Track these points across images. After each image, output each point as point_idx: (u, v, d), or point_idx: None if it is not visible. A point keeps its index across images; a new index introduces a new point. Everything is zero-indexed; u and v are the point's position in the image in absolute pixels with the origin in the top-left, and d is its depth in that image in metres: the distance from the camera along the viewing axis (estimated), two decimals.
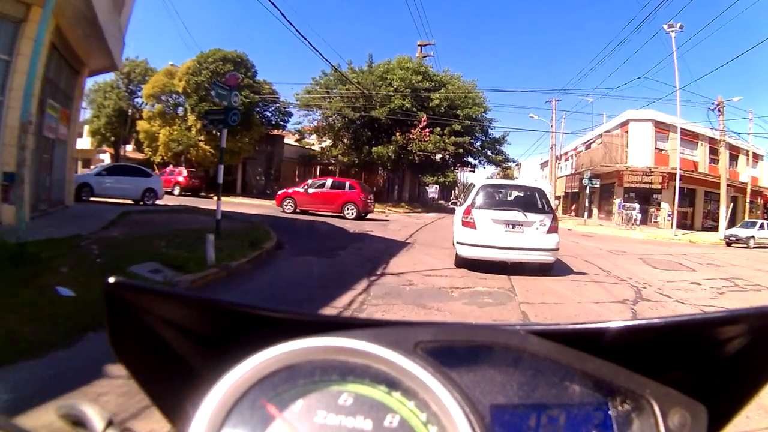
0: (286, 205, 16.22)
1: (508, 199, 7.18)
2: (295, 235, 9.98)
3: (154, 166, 31.31)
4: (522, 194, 7.15)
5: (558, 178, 25.96)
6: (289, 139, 29.46)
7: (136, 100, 33.68)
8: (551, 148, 27.06)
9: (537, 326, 0.40)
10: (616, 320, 0.39)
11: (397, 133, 21.72)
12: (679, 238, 19.15)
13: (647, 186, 24.23)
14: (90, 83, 26.69)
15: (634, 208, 21.40)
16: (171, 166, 28.34)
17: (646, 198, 24.65)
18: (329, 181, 16.90)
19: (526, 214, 6.40)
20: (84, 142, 33.82)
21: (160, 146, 29.52)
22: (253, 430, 0.32)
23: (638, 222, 21.09)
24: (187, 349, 0.42)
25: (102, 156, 37.97)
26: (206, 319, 0.41)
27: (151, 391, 0.41)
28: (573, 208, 32.21)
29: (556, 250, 6.53)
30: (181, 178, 26.46)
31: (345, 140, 23.66)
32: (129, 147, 35.37)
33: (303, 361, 0.34)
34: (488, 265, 6.48)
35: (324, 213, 15.75)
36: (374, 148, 21.83)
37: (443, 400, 0.32)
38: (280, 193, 17.03)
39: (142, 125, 30.39)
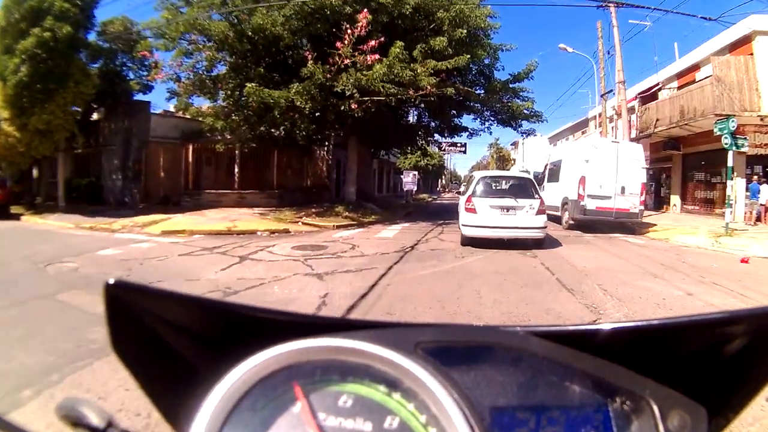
0: None
1: (503, 188, 8.08)
2: None
3: None
4: (514, 183, 8.18)
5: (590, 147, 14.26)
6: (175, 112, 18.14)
7: None
8: (603, 95, 15.87)
9: (537, 327, 0.39)
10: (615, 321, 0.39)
11: (308, 57, 10.02)
12: None
13: None
14: None
15: None
16: None
17: None
18: None
19: (518, 200, 7.53)
20: None
21: None
22: (254, 430, 0.31)
23: None
24: (187, 349, 0.41)
25: None
26: (207, 319, 0.41)
27: (151, 391, 0.40)
28: None
29: (545, 227, 7.67)
30: None
31: (227, 92, 12.19)
32: None
33: (303, 361, 0.34)
34: None
35: None
36: (258, 90, 9.93)
37: (443, 402, 0.31)
38: None
39: None
